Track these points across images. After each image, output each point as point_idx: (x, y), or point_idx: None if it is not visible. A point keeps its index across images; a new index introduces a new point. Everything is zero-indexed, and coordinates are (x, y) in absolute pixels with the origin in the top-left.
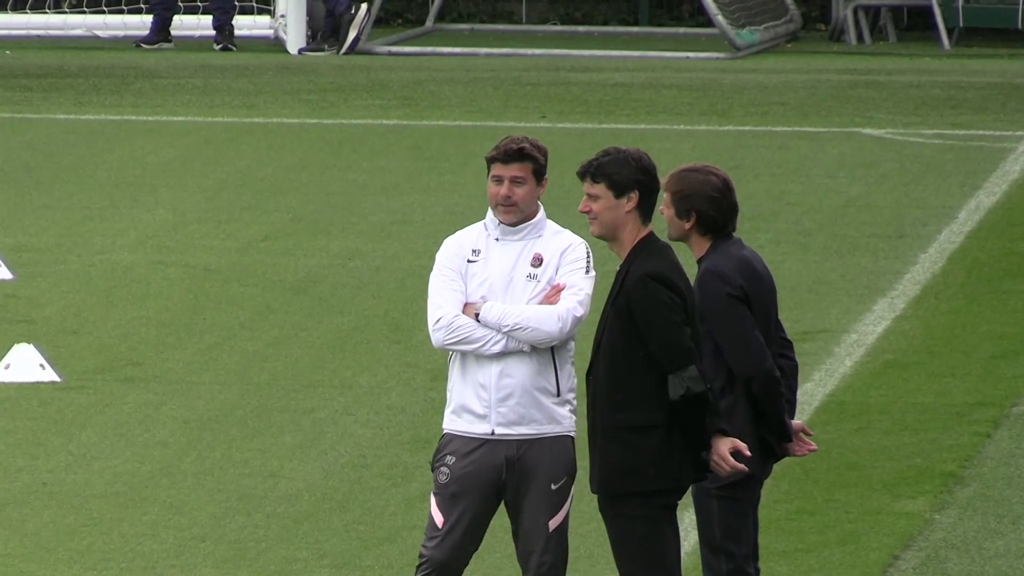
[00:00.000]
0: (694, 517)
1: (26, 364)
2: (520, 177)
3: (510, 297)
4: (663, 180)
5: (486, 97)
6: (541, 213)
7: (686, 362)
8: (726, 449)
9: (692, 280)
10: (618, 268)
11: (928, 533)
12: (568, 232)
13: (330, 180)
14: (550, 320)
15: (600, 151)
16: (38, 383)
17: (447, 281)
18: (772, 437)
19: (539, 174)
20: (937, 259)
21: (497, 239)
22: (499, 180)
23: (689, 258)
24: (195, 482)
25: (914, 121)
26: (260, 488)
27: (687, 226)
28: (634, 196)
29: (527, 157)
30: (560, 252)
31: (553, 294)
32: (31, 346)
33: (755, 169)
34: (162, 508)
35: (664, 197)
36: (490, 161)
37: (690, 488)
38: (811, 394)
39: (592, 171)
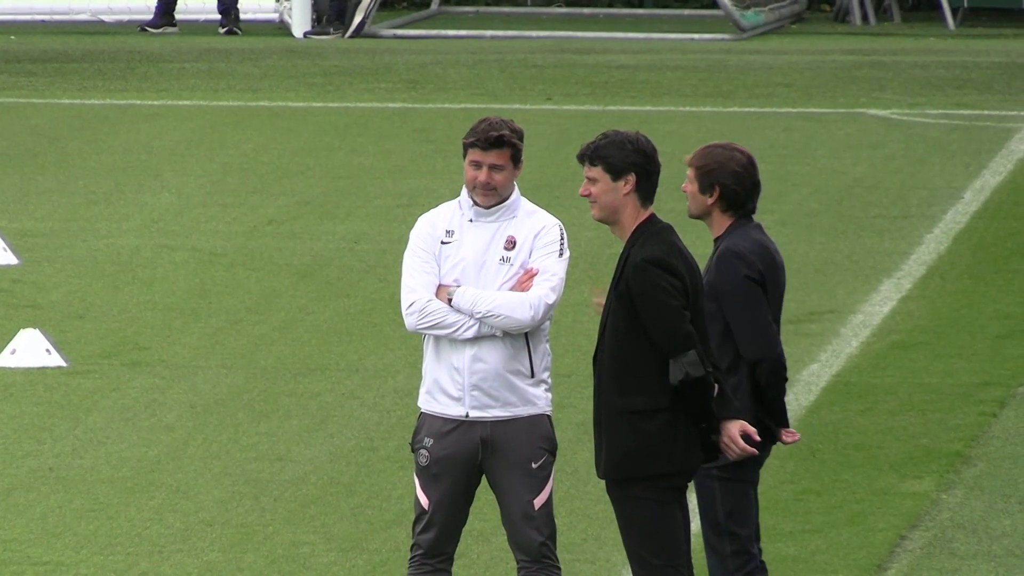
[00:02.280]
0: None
1: (32, 349)
2: (499, 164)
3: (483, 281)
4: (687, 157)
5: (492, 79)
6: (516, 193)
7: (685, 347)
8: (736, 431)
9: (700, 259)
10: (620, 252)
11: (935, 513)
12: (542, 212)
13: (336, 164)
14: (522, 308)
15: (599, 134)
16: (44, 368)
17: (420, 263)
18: (771, 421)
19: (516, 158)
20: (943, 239)
21: (471, 220)
22: (478, 165)
23: (706, 238)
24: (202, 466)
25: (919, 101)
26: (267, 472)
27: (709, 201)
28: (631, 179)
29: (506, 144)
30: (534, 235)
31: (526, 279)
32: (37, 331)
33: (760, 151)
34: (169, 492)
35: (688, 173)
36: (467, 146)
37: None
38: (818, 375)
39: (589, 154)
